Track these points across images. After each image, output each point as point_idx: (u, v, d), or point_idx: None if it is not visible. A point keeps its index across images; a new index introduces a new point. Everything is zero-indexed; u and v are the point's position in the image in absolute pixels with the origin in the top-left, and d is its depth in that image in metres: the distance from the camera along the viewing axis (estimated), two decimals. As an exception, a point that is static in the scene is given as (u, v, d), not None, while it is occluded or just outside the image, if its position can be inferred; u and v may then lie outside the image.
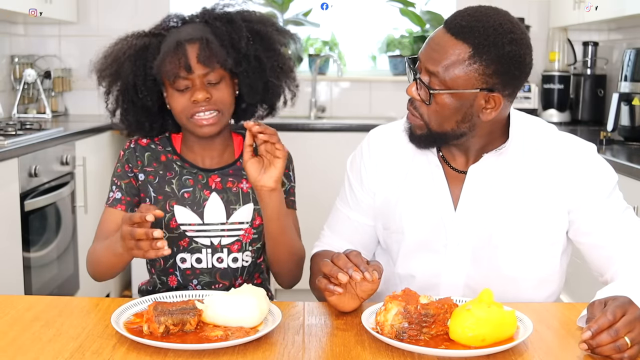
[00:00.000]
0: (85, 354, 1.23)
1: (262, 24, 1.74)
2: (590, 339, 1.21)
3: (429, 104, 1.49)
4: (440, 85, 1.48)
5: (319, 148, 4.01)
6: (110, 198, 1.74)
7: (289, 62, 1.78)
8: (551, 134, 1.63)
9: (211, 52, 1.63)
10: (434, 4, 4.58)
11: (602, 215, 1.56)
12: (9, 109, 4.02)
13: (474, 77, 1.46)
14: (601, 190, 1.57)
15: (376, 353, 1.25)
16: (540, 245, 1.60)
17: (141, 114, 1.73)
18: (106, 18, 4.33)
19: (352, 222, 1.72)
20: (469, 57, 1.45)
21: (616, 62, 4.10)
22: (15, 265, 2.80)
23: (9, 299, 1.52)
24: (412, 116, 1.55)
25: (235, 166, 1.76)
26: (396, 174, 1.66)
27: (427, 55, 1.49)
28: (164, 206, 1.71)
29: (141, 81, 1.68)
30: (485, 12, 1.49)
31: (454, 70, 1.46)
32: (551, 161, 1.58)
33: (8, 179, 2.76)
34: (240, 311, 1.32)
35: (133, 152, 1.75)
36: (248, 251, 1.74)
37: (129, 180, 1.74)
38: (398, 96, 4.57)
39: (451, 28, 1.48)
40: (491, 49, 1.45)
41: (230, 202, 1.73)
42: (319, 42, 4.64)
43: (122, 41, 1.72)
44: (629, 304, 1.25)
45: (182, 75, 1.63)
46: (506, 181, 1.59)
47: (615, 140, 3.42)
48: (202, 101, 1.64)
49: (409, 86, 1.53)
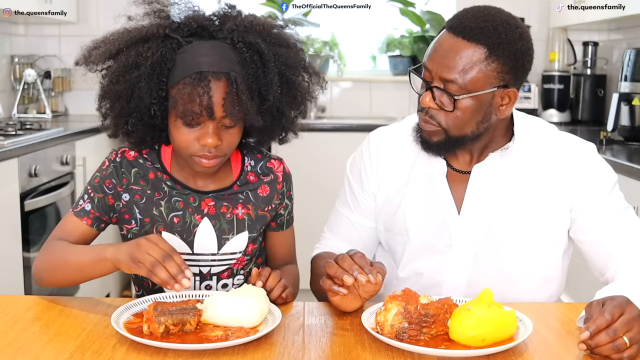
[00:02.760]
0: (85, 354, 1.23)
1: (294, 70, 1.55)
2: (588, 339, 1.21)
3: (452, 111, 1.49)
4: (460, 91, 1.47)
5: (319, 148, 4.01)
6: (79, 206, 1.58)
7: (307, 105, 1.63)
8: (552, 133, 1.64)
9: (240, 102, 1.44)
10: (434, 4, 4.58)
11: (602, 213, 1.57)
12: (9, 109, 4.02)
13: (493, 76, 1.48)
14: (602, 188, 1.58)
15: (376, 353, 1.25)
16: (543, 245, 1.61)
17: (148, 130, 1.54)
18: (106, 18, 4.32)
19: (353, 224, 1.71)
20: (485, 58, 1.46)
21: (616, 62, 4.10)
22: (15, 265, 2.80)
23: (9, 299, 1.52)
24: (427, 124, 1.53)
25: (232, 189, 1.61)
26: (397, 176, 1.66)
27: (439, 64, 1.48)
28: (150, 230, 1.58)
29: (156, 100, 1.48)
30: (488, 11, 1.50)
31: (472, 73, 1.46)
32: (553, 160, 1.59)
33: (8, 179, 2.76)
34: (240, 311, 1.32)
35: (119, 167, 1.58)
36: (240, 275, 1.64)
37: (104, 196, 1.58)
38: (398, 96, 4.58)
39: (460, 31, 1.47)
40: (505, 46, 1.47)
41: (223, 232, 1.59)
42: (319, 42, 4.64)
43: (130, 40, 1.50)
44: (627, 303, 1.25)
45: (201, 115, 1.44)
46: (509, 181, 1.59)
47: (615, 140, 3.42)
48: (212, 147, 1.48)
49: (423, 97, 1.51)
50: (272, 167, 1.65)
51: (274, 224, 1.67)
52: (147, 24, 1.52)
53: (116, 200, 1.59)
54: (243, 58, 1.48)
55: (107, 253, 1.42)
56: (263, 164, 1.65)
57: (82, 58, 1.56)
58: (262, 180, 1.63)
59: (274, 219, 1.66)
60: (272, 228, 1.68)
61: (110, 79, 1.52)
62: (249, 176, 1.63)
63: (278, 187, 1.64)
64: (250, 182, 1.63)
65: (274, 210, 1.65)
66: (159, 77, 1.47)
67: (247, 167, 1.63)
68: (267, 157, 1.66)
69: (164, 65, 1.47)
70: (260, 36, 1.51)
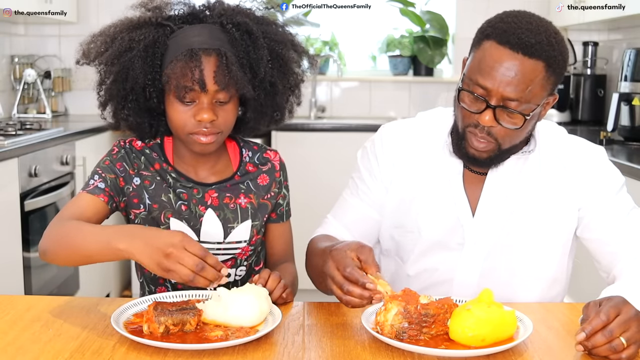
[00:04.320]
0: (85, 354, 1.23)
1: (283, 45, 1.60)
2: (585, 341, 1.21)
3: (519, 128, 1.48)
4: (525, 107, 1.46)
5: (319, 148, 4.01)
6: (90, 185, 1.56)
7: (300, 82, 1.66)
8: (564, 136, 1.66)
9: (230, 73, 1.48)
10: (434, 4, 4.59)
11: (609, 211, 1.59)
12: (9, 109, 4.02)
13: (549, 88, 1.48)
14: (609, 188, 1.60)
15: (376, 353, 1.25)
16: (553, 245, 1.63)
17: (145, 114, 1.58)
18: (106, 18, 4.31)
19: (357, 213, 1.70)
20: (545, 72, 1.45)
21: (616, 62, 4.10)
22: (15, 265, 2.80)
23: (9, 299, 1.51)
24: (483, 143, 1.51)
25: (233, 180, 1.65)
26: (410, 172, 1.66)
27: (501, 82, 1.43)
28: (158, 216, 1.59)
29: (151, 82, 1.52)
30: (536, 22, 1.47)
31: (534, 89, 1.45)
32: (565, 163, 1.62)
33: (8, 179, 2.76)
34: (240, 311, 1.32)
35: (130, 152, 1.61)
36: (243, 266, 1.67)
37: (115, 177, 1.58)
38: (398, 96, 4.58)
39: (520, 47, 1.43)
40: (559, 58, 1.46)
41: (228, 221, 1.62)
42: (319, 42, 4.64)
43: (124, 28, 1.56)
44: (623, 303, 1.25)
45: (193, 90, 1.48)
46: (524, 183, 1.61)
47: (615, 140, 3.43)
48: (207, 122, 1.51)
49: (482, 116, 1.47)
50: (269, 157, 1.70)
51: (274, 215, 1.70)
52: (141, 14, 1.58)
53: (127, 184, 1.59)
54: (232, 37, 1.53)
55: (120, 244, 1.36)
56: (260, 154, 1.70)
57: (81, 54, 1.59)
58: (261, 169, 1.68)
59: (274, 209, 1.69)
60: (273, 220, 1.70)
61: (105, 63, 1.56)
62: (247, 166, 1.67)
63: (276, 175, 1.69)
64: (249, 172, 1.67)
65: (273, 198, 1.68)
66: (152, 59, 1.51)
67: (245, 158, 1.68)
68: (263, 148, 1.73)
69: (157, 48, 1.52)
70: (248, 17, 1.57)
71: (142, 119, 1.59)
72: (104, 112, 1.61)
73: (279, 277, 1.49)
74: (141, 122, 1.59)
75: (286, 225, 1.74)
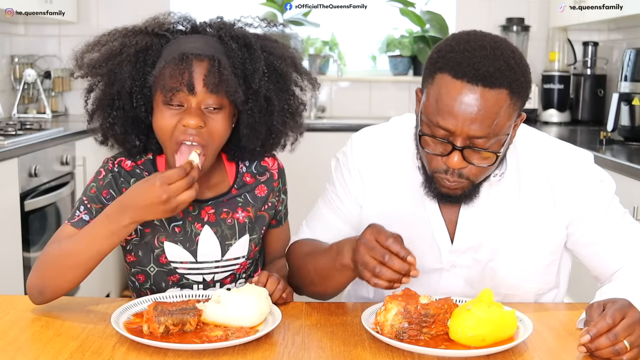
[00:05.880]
0: (85, 354, 1.23)
1: (282, 60, 1.54)
2: (589, 343, 1.21)
3: (493, 164, 1.38)
4: (495, 142, 1.35)
5: (319, 148, 4.00)
6: (75, 217, 1.49)
7: (301, 106, 1.60)
8: (545, 146, 1.55)
9: (221, 77, 1.41)
10: (434, 4, 4.59)
11: (601, 228, 1.52)
12: (9, 109, 4.02)
13: (515, 113, 1.37)
14: (600, 202, 1.52)
15: (376, 353, 1.25)
16: (538, 262, 1.56)
17: (130, 124, 1.52)
18: (106, 18, 4.32)
19: (330, 228, 1.62)
20: (510, 99, 1.33)
21: (616, 62, 4.10)
22: (15, 265, 2.80)
23: (9, 299, 1.52)
24: (455, 184, 1.41)
25: (230, 194, 1.59)
26: (384, 189, 1.57)
27: (464, 121, 1.32)
28: (151, 240, 1.54)
29: (138, 88, 1.47)
30: (489, 45, 1.34)
31: (502, 120, 1.33)
32: (548, 176, 1.52)
33: (8, 179, 2.76)
34: (240, 311, 1.32)
35: (117, 177, 1.53)
36: (242, 279, 1.63)
37: (101, 207, 1.49)
38: (398, 96, 4.58)
39: (480, 79, 1.30)
40: (522, 79, 1.35)
41: (225, 237, 1.57)
42: (319, 42, 4.65)
43: (118, 35, 1.51)
44: (628, 307, 1.24)
45: (180, 91, 1.42)
46: (503, 205, 1.52)
47: (615, 140, 3.42)
48: (193, 128, 1.42)
49: (449, 159, 1.36)
50: (267, 165, 1.65)
51: (274, 222, 1.68)
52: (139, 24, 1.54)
53: None
54: (229, 47, 1.49)
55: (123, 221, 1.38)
56: (257, 163, 1.64)
57: (75, 64, 1.55)
58: (259, 180, 1.63)
59: (274, 216, 1.67)
60: (273, 226, 1.68)
61: (94, 66, 1.51)
62: (245, 178, 1.62)
63: (274, 185, 1.65)
64: (247, 183, 1.62)
65: (272, 208, 1.65)
66: (142, 64, 1.48)
67: (241, 169, 1.63)
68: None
69: (149, 54, 1.48)
70: (247, 31, 1.54)
71: (128, 130, 1.53)
72: (91, 122, 1.57)
73: (278, 278, 1.48)
74: (128, 134, 1.53)
75: (285, 226, 1.72)
